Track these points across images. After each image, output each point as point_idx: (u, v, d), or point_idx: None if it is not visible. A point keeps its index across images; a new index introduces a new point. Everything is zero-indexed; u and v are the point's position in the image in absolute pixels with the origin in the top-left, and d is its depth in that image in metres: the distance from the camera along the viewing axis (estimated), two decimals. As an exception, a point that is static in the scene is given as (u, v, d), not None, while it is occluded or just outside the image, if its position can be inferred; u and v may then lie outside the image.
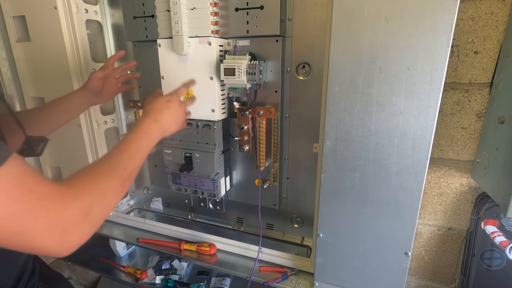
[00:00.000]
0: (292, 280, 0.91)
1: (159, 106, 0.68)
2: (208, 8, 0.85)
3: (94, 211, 0.44)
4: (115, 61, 0.92)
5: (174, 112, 0.69)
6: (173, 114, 0.69)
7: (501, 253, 0.92)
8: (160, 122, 0.65)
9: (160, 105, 0.68)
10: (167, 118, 0.67)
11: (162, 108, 0.68)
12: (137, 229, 1.19)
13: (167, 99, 0.71)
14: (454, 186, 0.95)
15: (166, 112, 0.67)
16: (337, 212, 0.77)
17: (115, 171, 0.52)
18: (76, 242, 0.42)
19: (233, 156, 1.09)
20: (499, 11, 0.77)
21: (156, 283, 1.23)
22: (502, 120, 0.75)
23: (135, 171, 0.57)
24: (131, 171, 0.55)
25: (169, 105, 0.69)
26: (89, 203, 0.44)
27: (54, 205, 0.40)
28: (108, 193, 0.48)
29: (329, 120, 0.71)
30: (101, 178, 0.49)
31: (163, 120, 0.66)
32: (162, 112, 0.67)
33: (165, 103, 0.69)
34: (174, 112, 0.70)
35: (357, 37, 0.64)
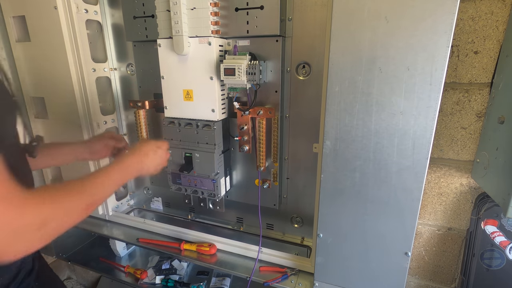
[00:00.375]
0: (292, 280, 0.91)
1: (147, 148, 0.74)
2: (208, 8, 0.85)
3: (50, 225, 0.45)
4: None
5: (158, 157, 0.75)
6: (157, 159, 0.75)
7: (501, 253, 0.92)
8: (142, 163, 0.71)
9: (148, 148, 0.74)
10: (150, 162, 0.73)
11: (149, 151, 0.73)
12: (137, 229, 1.19)
13: (158, 145, 0.77)
14: (454, 186, 0.95)
15: (151, 156, 0.73)
16: (337, 212, 0.77)
17: (84, 193, 0.53)
18: (22, 250, 0.43)
19: (233, 156, 1.09)
20: (499, 11, 0.77)
21: (156, 283, 1.23)
22: (502, 120, 0.75)
23: (102, 199, 0.59)
24: (99, 198, 0.57)
25: (156, 151, 0.75)
26: (48, 217, 0.45)
27: (12, 208, 0.41)
28: (70, 212, 0.50)
29: (329, 120, 0.71)
30: (68, 196, 0.50)
31: (146, 162, 0.72)
32: (147, 155, 0.72)
33: (154, 147, 0.75)
34: (159, 158, 0.75)
35: (357, 37, 0.64)
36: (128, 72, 1.22)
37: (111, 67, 1.18)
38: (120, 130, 1.25)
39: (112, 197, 1.25)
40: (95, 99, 1.11)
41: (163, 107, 1.01)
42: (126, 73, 1.22)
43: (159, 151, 0.76)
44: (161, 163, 0.76)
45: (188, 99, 0.95)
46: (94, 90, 1.10)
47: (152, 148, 0.74)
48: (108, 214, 1.24)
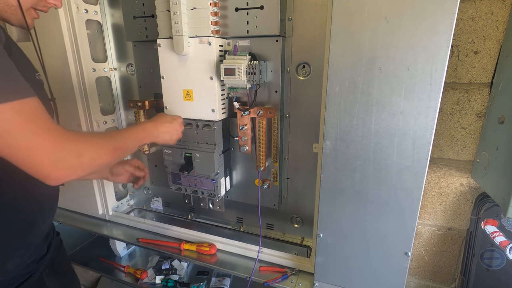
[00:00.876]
0: (292, 280, 0.91)
1: (163, 119, 0.86)
2: (208, 8, 0.85)
3: (85, 156, 0.56)
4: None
5: (173, 127, 0.86)
6: (172, 129, 0.86)
7: (501, 253, 0.92)
8: (158, 129, 0.82)
9: (164, 119, 0.86)
10: (165, 130, 0.84)
11: (165, 121, 0.86)
12: (137, 229, 1.19)
13: (173, 117, 0.89)
14: (454, 186, 0.95)
15: (167, 125, 0.85)
16: (337, 212, 0.77)
17: (111, 138, 0.66)
18: (64, 174, 0.53)
19: (233, 156, 1.09)
20: (499, 11, 0.77)
21: (156, 283, 1.23)
22: (502, 120, 0.75)
23: (126, 148, 0.70)
24: (123, 145, 0.68)
25: (171, 121, 0.87)
26: (83, 149, 0.56)
27: (58, 137, 0.53)
28: (100, 149, 0.60)
29: (329, 120, 0.71)
30: (98, 137, 0.64)
31: (161, 129, 0.83)
32: (163, 123, 0.84)
33: (169, 119, 0.87)
34: (173, 128, 0.87)
35: (357, 37, 0.64)
36: (128, 72, 1.22)
37: (111, 67, 1.18)
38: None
39: (112, 197, 1.25)
40: (95, 99, 1.10)
41: (163, 107, 1.01)
42: (126, 73, 1.22)
43: (174, 122, 0.86)
44: (175, 134, 0.87)
45: (188, 99, 0.95)
46: (94, 90, 1.09)
47: (167, 119, 0.86)
48: (108, 214, 1.24)
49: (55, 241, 0.84)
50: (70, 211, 1.30)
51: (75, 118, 1.07)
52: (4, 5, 0.61)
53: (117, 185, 1.32)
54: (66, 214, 1.30)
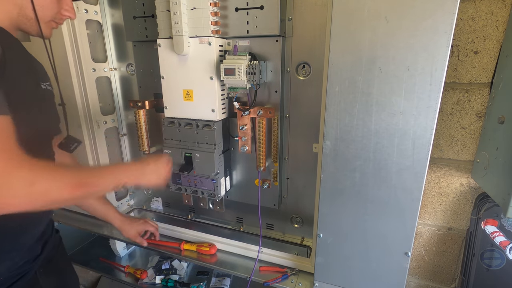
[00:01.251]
0: (292, 280, 0.91)
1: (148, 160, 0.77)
2: (208, 8, 0.85)
3: (38, 185, 0.49)
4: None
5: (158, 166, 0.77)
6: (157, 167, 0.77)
7: (501, 253, 0.92)
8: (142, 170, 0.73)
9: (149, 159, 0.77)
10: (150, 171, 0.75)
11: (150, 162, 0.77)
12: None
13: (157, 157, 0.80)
14: (454, 186, 0.95)
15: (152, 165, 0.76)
16: (337, 212, 0.77)
17: (78, 172, 0.58)
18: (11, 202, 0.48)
19: (233, 156, 1.09)
20: (499, 11, 0.77)
21: (156, 283, 1.23)
22: (502, 120, 0.75)
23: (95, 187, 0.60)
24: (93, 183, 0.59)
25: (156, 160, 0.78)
26: (37, 178, 0.50)
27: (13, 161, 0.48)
28: (57, 181, 0.53)
29: (329, 120, 0.71)
30: (62, 169, 0.56)
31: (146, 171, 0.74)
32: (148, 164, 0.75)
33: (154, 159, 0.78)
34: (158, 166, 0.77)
35: (357, 37, 0.64)
36: (128, 72, 1.22)
37: (111, 67, 1.18)
38: (120, 130, 1.25)
39: (112, 197, 1.25)
40: (95, 99, 1.11)
41: (163, 107, 1.01)
42: (126, 73, 1.22)
43: (159, 161, 0.78)
44: (163, 173, 0.78)
45: (188, 99, 0.95)
46: (94, 90, 1.10)
47: (152, 159, 0.77)
48: (108, 214, 1.24)
49: (53, 239, 0.84)
50: (70, 211, 1.30)
51: (75, 118, 1.08)
52: (23, 18, 0.64)
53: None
54: (66, 214, 1.30)
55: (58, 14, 0.69)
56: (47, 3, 0.65)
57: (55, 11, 0.68)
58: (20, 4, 0.62)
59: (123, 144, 1.28)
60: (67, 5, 0.70)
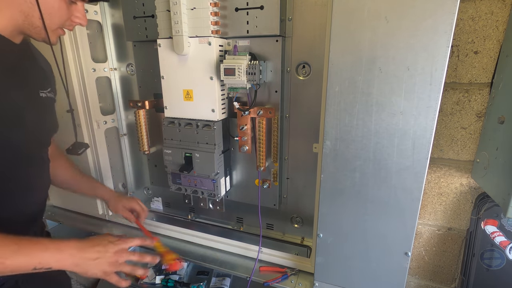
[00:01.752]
0: (292, 280, 0.91)
1: (97, 241, 0.63)
2: (208, 8, 0.85)
3: None
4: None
5: (105, 255, 0.63)
6: (103, 255, 0.63)
7: (501, 253, 0.92)
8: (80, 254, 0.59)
9: (99, 241, 0.63)
10: (92, 255, 0.61)
11: (99, 243, 0.63)
12: (137, 229, 1.19)
13: (111, 239, 0.65)
14: (454, 186, 0.95)
15: (98, 249, 0.62)
16: (337, 212, 0.77)
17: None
18: None
19: (233, 156, 1.09)
20: (499, 11, 0.77)
21: (156, 283, 1.23)
22: (502, 120, 0.75)
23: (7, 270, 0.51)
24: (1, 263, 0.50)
25: (106, 244, 0.64)
26: None
27: None
28: None
29: (329, 120, 0.71)
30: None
31: (87, 254, 0.60)
32: (93, 247, 0.61)
33: (105, 241, 0.64)
34: (106, 255, 0.63)
35: (357, 37, 0.64)
36: (128, 72, 1.22)
37: (111, 67, 1.18)
38: (120, 130, 1.25)
39: (112, 197, 1.25)
40: (95, 99, 1.11)
41: (163, 107, 1.01)
42: (126, 73, 1.22)
43: (111, 246, 0.64)
44: (111, 266, 0.64)
45: (188, 99, 0.95)
46: (94, 90, 1.10)
47: (103, 241, 0.64)
48: (108, 214, 1.24)
49: None
50: (70, 211, 1.30)
51: (75, 118, 1.07)
52: (29, 25, 0.59)
53: (117, 185, 1.32)
54: (66, 214, 1.30)
55: (68, 21, 0.65)
56: (55, 11, 0.60)
57: (64, 18, 0.63)
58: (26, 12, 0.57)
59: (123, 144, 1.28)
60: (79, 12, 0.65)
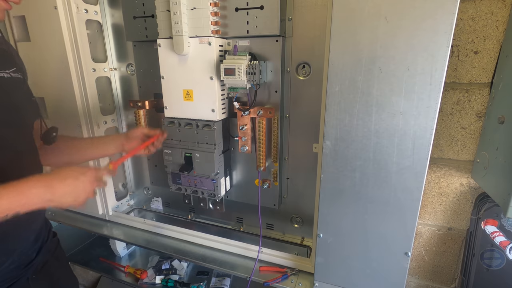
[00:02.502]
0: (292, 280, 0.91)
1: (66, 174, 0.61)
2: (208, 8, 0.85)
3: None
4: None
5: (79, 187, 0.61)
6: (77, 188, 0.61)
7: (501, 253, 0.92)
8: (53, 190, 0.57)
9: (68, 174, 0.61)
10: (66, 190, 0.59)
11: (69, 177, 0.60)
12: (137, 229, 1.19)
13: (82, 171, 0.63)
14: (454, 186, 0.95)
15: (70, 183, 0.60)
16: (337, 212, 0.77)
17: None
18: None
19: (233, 156, 1.09)
20: (499, 11, 0.77)
21: (156, 283, 1.23)
22: (502, 120, 0.75)
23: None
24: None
25: (78, 177, 0.61)
26: None
27: None
28: None
29: (329, 120, 0.71)
30: None
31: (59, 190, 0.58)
32: (64, 181, 0.59)
33: (76, 173, 0.62)
34: (80, 187, 0.62)
35: (357, 37, 0.63)
36: (128, 72, 1.22)
37: (111, 67, 1.18)
38: (120, 130, 1.25)
39: (112, 197, 1.25)
40: (95, 99, 1.11)
41: (163, 107, 1.01)
42: (126, 73, 1.22)
43: (81, 178, 0.61)
44: (83, 194, 0.63)
45: (188, 99, 0.95)
46: (94, 90, 1.10)
47: (73, 174, 0.61)
48: (108, 214, 1.24)
49: (50, 243, 0.80)
50: (70, 211, 1.30)
51: (75, 118, 1.08)
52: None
53: (117, 185, 1.32)
54: (66, 214, 1.30)
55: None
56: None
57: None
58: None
59: (123, 144, 1.28)
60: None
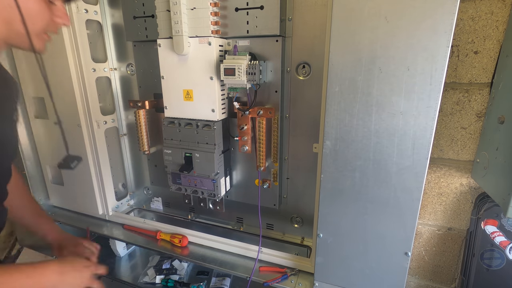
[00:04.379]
0: (292, 280, 0.91)
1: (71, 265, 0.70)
2: (208, 8, 0.85)
3: None
4: None
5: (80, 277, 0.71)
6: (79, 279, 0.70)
7: (501, 253, 0.92)
8: (63, 277, 0.66)
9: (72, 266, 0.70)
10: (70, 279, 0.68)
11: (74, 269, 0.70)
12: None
13: (85, 264, 0.74)
14: (454, 186, 0.95)
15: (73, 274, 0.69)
16: (337, 212, 0.77)
17: None
18: None
19: (233, 156, 1.09)
20: (499, 11, 0.77)
21: (156, 282, 1.23)
22: (502, 120, 0.75)
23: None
24: None
25: (82, 271, 0.72)
26: None
27: None
28: None
29: (329, 120, 0.71)
30: None
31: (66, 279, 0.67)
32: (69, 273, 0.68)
33: (80, 266, 0.72)
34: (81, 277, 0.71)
35: (357, 37, 0.63)
36: (128, 72, 1.22)
37: (111, 67, 1.18)
38: (120, 130, 1.25)
39: (112, 197, 1.25)
40: (95, 99, 1.11)
41: (163, 107, 1.01)
42: (126, 73, 1.22)
43: (84, 271, 0.72)
44: (83, 284, 0.71)
45: (188, 99, 0.95)
46: (94, 90, 1.09)
47: (79, 268, 0.72)
48: (108, 214, 1.24)
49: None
50: (70, 211, 1.30)
51: (75, 118, 1.08)
52: (13, 33, 0.58)
53: (117, 185, 1.32)
54: (66, 214, 1.30)
55: (51, 22, 0.62)
56: (35, 13, 0.58)
57: (46, 20, 0.61)
58: (8, 19, 0.55)
59: (123, 144, 1.28)
60: (59, 11, 0.62)
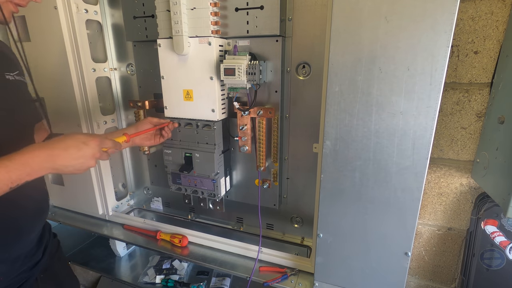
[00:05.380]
0: (292, 280, 0.91)
1: (69, 143, 0.59)
2: (208, 8, 0.85)
3: None
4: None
5: (81, 156, 0.60)
6: (79, 158, 0.60)
7: (501, 253, 0.92)
8: (55, 159, 0.57)
9: (71, 143, 0.59)
10: (69, 159, 0.58)
11: (71, 147, 0.59)
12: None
13: (84, 140, 0.61)
14: (454, 186, 0.95)
15: (73, 152, 0.59)
16: (337, 212, 0.77)
17: None
18: None
19: (233, 156, 1.09)
20: (499, 11, 0.77)
21: (156, 282, 1.23)
22: (502, 120, 0.75)
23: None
24: None
25: (81, 147, 0.60)
26: None
27: None
28: None
29: (329, 120, 0.71)
30: None
31: (62, 159, 0.57)
32: (67, 150, 0.58)
33: (78, 143, 0.60)
34: (82, 156, 0.60)
35: (357, 37, 0.63)
36: (128, 72, 1.22)
37: (111, 67, 1.18)
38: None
39: (112, 197, 1.25)
40: (95, 99, 1.11)
41: (163, 107, 1.01)
42: (126, 73, 1.22)
43: (84, 149, 0.60)
44: (85, 163, 0.61)
45: (188, 99, 0.95)
46: (94, 90, 1.10)
47: (75, 143, 0.59)
48: (108, 214, 1.24)
49: (52, 244, 0.81)
50: (70, 211, 1.30)
51: (75, 118, 1.08)
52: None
53: (117, 185, 1.32)
54: (66, 214, 1.30)
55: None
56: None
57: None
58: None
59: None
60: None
